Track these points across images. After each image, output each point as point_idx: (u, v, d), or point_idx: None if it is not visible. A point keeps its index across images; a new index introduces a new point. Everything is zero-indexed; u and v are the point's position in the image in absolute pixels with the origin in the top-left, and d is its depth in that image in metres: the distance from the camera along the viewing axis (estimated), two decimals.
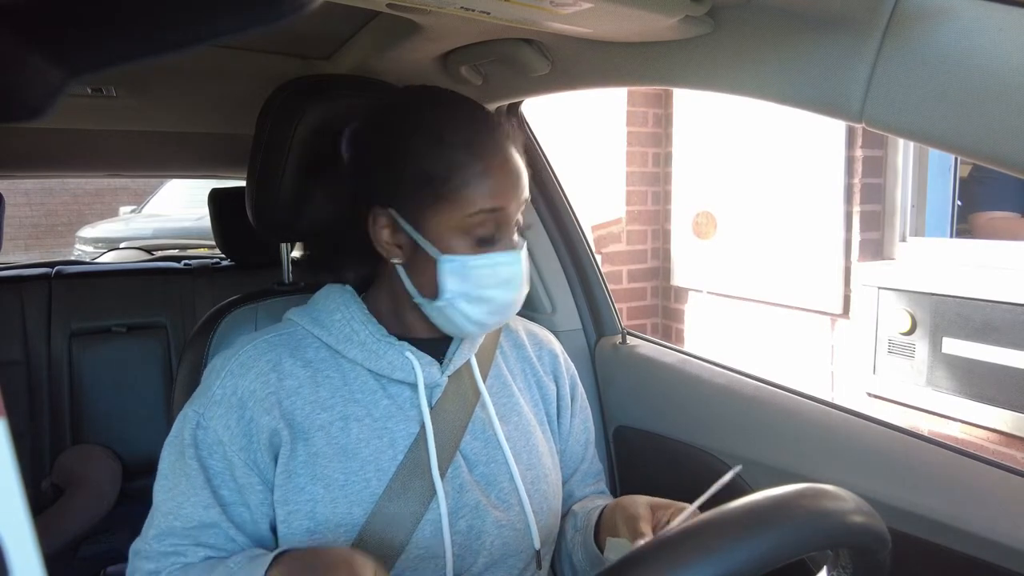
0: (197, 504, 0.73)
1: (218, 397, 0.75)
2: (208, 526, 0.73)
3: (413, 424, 0.78)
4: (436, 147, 0.73)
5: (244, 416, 0.75)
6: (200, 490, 0.73)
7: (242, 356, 0.78)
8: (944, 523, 0.76)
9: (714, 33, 0.70)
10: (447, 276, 0.73)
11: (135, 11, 0.20)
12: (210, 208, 2.02)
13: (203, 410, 0.75)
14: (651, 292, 3.07)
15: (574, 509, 0.91)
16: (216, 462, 0.74)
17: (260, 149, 0.93)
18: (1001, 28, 0.51)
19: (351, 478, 0.74)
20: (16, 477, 0.18)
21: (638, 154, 2.93)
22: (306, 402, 0.76)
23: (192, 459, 0.74)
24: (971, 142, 0.54)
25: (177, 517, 0.74)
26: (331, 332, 0.79)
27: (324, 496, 0.73)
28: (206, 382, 0.78)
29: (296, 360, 0.78)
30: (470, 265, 0.73)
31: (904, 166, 2.16)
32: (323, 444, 0.75)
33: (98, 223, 6.26)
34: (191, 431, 0.75)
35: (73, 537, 1.74)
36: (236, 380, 0.76)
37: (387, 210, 0.75)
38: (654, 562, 0.43)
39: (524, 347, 0.94)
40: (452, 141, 0.73)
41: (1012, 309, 1.80)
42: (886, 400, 2.15)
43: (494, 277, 0.74)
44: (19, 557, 0.18)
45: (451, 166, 0.72)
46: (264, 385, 0.76)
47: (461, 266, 0.73)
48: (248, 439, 0.74)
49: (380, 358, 0.78)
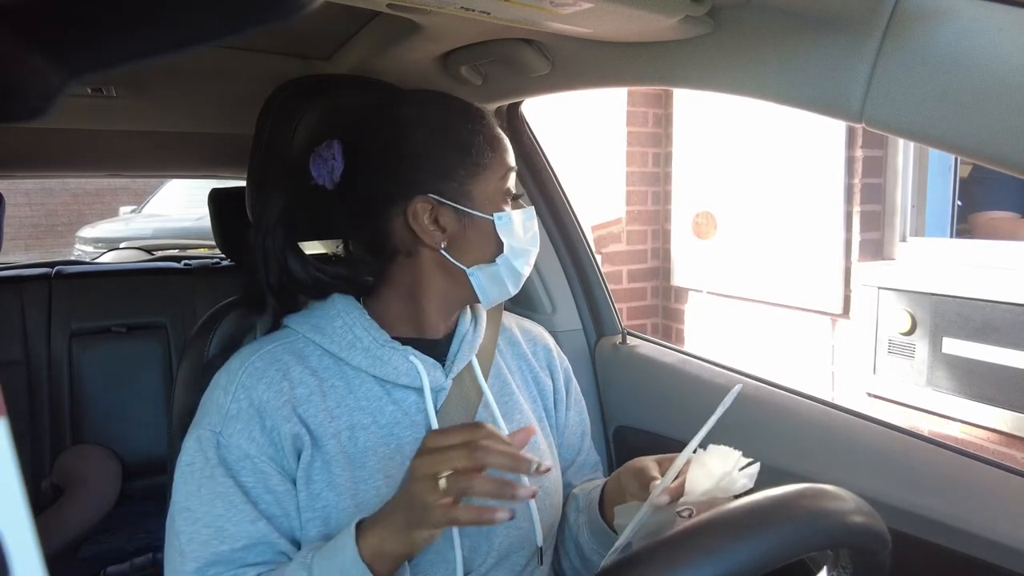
0: (243, 520, 0.70)
1: (234, 412, 0.73)
2: (257, 544, 0.70)
3: (419, 429, 0.78)
4: (464, 123, 0.79)
5: (266, 426, 0.73)
6: (242, 505, 0.70)
7: (249, 368, 0.76)
8: (944, 523, 0.76)
9: (714, 33, 0.70)
10: (504, 234, 0.79)
11: (135, 11, 0.20)
12: (210, 208, 2.01)
13: (221, 428, 0.73)
14: (651, 292, 3.07)
15: (573, 492, 0.92)
16: (247, 478, 0.71)
17: (260, 149, 0.93)
18: (1001, 28, 0.51)
19: (360, 486, 0.74)
20: (17, 477, 0.18)
21: (638, 154, 2.93)
22: (318, 410, 0.75)
23: (224, 477, 0.71)
24: (971, 142, 0.54)
25: (223, 540, 0.69)
26: (333, 339, 0.78)
27: (337, 503, 0.73)
28: (215, 399, 0.75)
29: (304, 368, 0.77)
30: (516, 219, 0.80)
31: (904, 166, 2.16)
32: (335, 452, 0.74)
33: (98, 223, 6.26)
34: (214, 450, 0.72)
35: (73, 537, 1.74)
36: (249, 392, 0.74)
37: (427, 196, 0.77)
38: (654, 562, 0.43)
39: (519, 343, 0.95)
40: (465, 114, 0.80)
41: (1012, 309, 1.80)
42: (886, 400, 2.15)
43: (531, 229, 0.82)
44: (20, 557, 0.18)
45: (477, 137, 0.79)
46: (278, 394, 0.74)
47: (509, 221, 0.79)
48: (275, 448, 0.73)
49: (385, 364, 0.78)
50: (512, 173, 0.82)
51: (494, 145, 0.80)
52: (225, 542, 0.69)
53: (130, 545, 1.80)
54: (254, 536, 0.70)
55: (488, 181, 0.79)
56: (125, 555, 1.76)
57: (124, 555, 1.76)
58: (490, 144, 0.79)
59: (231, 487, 0.71)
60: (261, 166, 0.93)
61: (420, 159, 0.77)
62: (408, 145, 0.78)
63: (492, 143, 0.80)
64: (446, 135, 0.78)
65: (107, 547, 1.80)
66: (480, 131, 0.79)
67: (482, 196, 0.78)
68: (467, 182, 0.78)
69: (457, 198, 0.77)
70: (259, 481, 0.72)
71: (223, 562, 0.69)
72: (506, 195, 0.81)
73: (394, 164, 0.78)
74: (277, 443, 0.73)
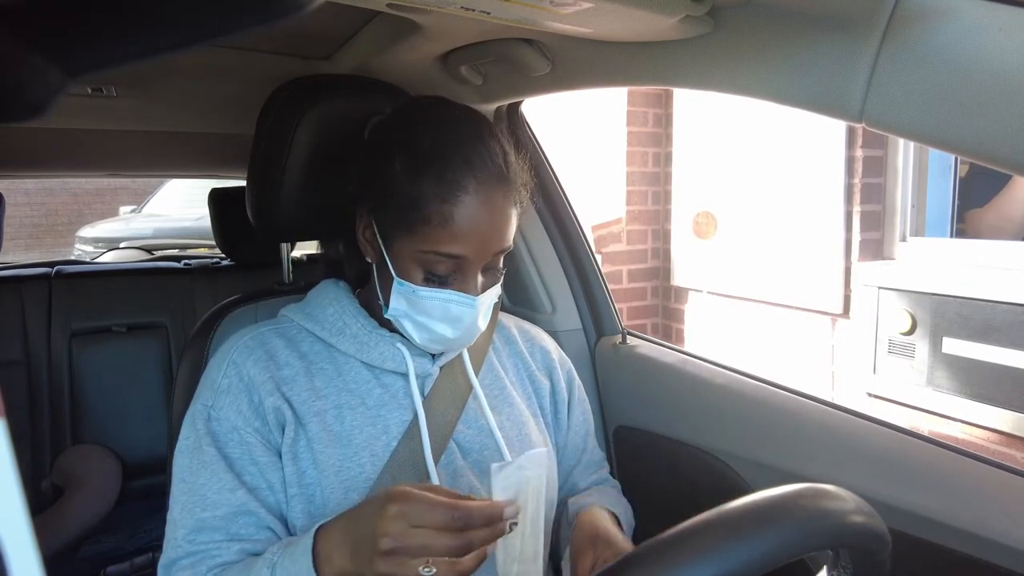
0: (222, 489, 0.72)
1: (224, 386, 0.76)
2: (239, 514, 0.71)
3: (406, 412, 0.80)
4: (413, 172, 0.72)
5: (253, 400, 0.75)
6: (223, 474, 0.72)
7: (240, 347, 0.79)
8: (944, 523, 0.76)
9: (714, 33, 0.70)
10: (396, 296, 0.75)
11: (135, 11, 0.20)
12: (210, 208, 2.02)
13: (211, 401, 0.76)
14: (651, 292, 3.07)
15: (568, 501, 0.92)
16: (234, 449, 0.74)
17: (260, 149, 0.93)
18: (1001, 28, 0.51)
19: (346, 464, 0.75)
20: (15, 477, 0.18)
21: (638, 154, 2.93)
22: (303, 389, 0.78)
23: (209, 446, 0.74)
24: (971, 142, 0.54)
25: (204, 507, 0.71)
26: (324, 326, 0.81)
27: (321, 481, 0.74)
28: (209, 376, 0.79)
29: (292, 352, 0.80)
30: (420, 295, 0.74)
31: (904, 166, 2.16)
32: (318, 431, 0.76)
33: (98, 223, 6.25)
34: (204, 424, 0.75)
35: (73, 537, 1.74)
36: (239, 368, 0.77)
37: (370, 215, 0.77)
38: (654, 562, 0.43)
39: (515, 343, 0.96)
40: (429, 170, 0.71)
41: (1012, 309, 1.80)
42: (886, 400, 2.15)
43: (442, 312, 0.74)
44: (18, 558, 0.17)
45: (421, 196, 0.71)
46: (263, 371, 0.77)
47: (411, 292, 0.74)
48: (261, 420, 0.75)
49: (371, 349, 0.80)
50: (455, 262, 0.72)
51: (435, 222, 0.70)
52: (207, 509, 0.71)
53: (130, 545, 1.81)
54: (234, 504, 0.71)
55: (408, 243, 0.73)
56: (125, 555, 1.76)
57: (124, 555, 1.76)
58: (430, 219, 0.70)
59: (215, 457, 0.73)
60: (261, 166, 0.93)
61: (370, 175, 0.76)
62: (370, 158, 0.77)
63: (435, 219, 0.70)
64: (392, 173, 0.73)
65: (107, 547, 1.80)
66: (430, 197, 0.70)
67: (400, 251, 0.74)
68: (394, 227, 0.74)
69: (383, 233, 0.75)
70: (244, 452, 0.74)
71: (208, 529, 0.71)
72: (428, 272, 0.73)
73: (361, 169, 0.79)
74: (263, 416, 0.75)
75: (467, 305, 0.74)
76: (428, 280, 0.73)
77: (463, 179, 0.71)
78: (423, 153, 0.72)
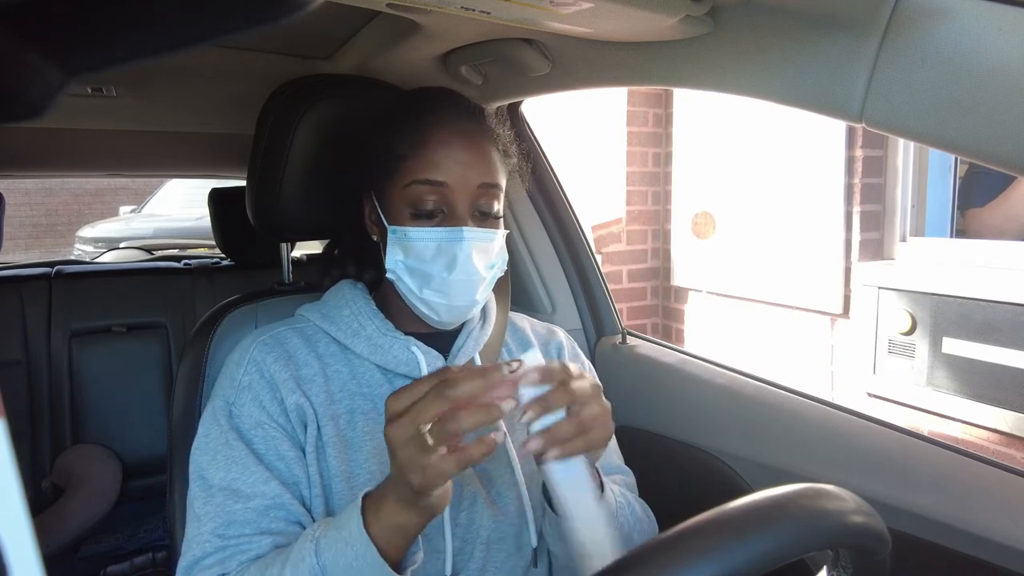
0: (256, 482, 0.70)
1: (246, 383, 0.76)
2: (272, 507, 0.70)
3: None
4: (392, 121, 0.76)
5: (276, 396, 0.75)
6: (254, 467, 0.71)
7: (260, 344, 0.79)
8: (944, 523, 0.76)
9: (714, 33, 0.70)
10: (392, 246, 0.75)
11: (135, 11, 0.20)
12: (210, 208, 2.02)
13: (233, 398, 0.75)
14: (651, 292, 3.07)
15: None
16: (260, 444, 0.73)
17: (260, 149, 0.93)
18: (1001, 28, 0.51)
19: (356, 470, 0.75)
20: (15, 477, 0.18)
21: (638, 154, 2.93)
22: (320, 391, 0.78)
23: (237, 442, 0.73)
24: (971, 142, 0.54)
25: (237, 500, 0.70)
26: (339, 327, 0.81)
27: (332, 485, 0.74)
28: (228, 373, 0.78)
29: (310, 352, 0.80)
30: (411, 237, 0.73)
31: (904, 166, 2.16)
32: (331, 435, 0.76)
33: (98, 223, 6.25)
34: (227, 420, 0.74)
35: (73, 537, 1.74)
36: (260, 365, 0.77)
37: (368, 193, 0.79)
38: (654, 562, 0.43)
39: (531, 344, 0.94)
40: (406, 114, 0.76)
41: (1012, 309, 1.80)
42: (886, 400, 2.15)
43: (435, 253, 0.73)
44: (18, 557, 0.17)
45: (395, 136, 0.75)
46: (284, 368, 0.77)
47: (403, 236, 0.74)
48: (284, 416, 0.75)
49: (385, 352, 0.80)
50: (438, 190, 0.73)
51: (416, 152, 0.73)
52: (239, 501, 0.70)
53: (130, 545, 1.81)
54: (268, 496, 0.70)
55: (395, 185, 0.75)
56: (125, 555, 1.76)
57: (124, 555, 1.77)
58: (409, 152, 0.73)
59: (244, 452, 0.72)
60: (261, 166, 0.93)
61: (363, 155, 0.80)
62: (362, 142, 0.80)
63: (416, 149, 0.73)
64: (376, 133, 0.77)
65: (107, 547, 1.80)
66: (408, 131, 0.74)
67: (390, 200, 0.76)
68: (385, 182, 0.76)
69: (379, 197, 0.78)
70: (270, 447, 0.73)
71: (238, 523, 0.69)
72: (415, 210, 0.74)
73: (354, 161, 0.81)
74: (286, 412, 0.75)
75: (457, 239, 0.73)
76: (416, 217, 0.74)
77: (432, 112, 0.75)
78: (409, 101, 0.79)
